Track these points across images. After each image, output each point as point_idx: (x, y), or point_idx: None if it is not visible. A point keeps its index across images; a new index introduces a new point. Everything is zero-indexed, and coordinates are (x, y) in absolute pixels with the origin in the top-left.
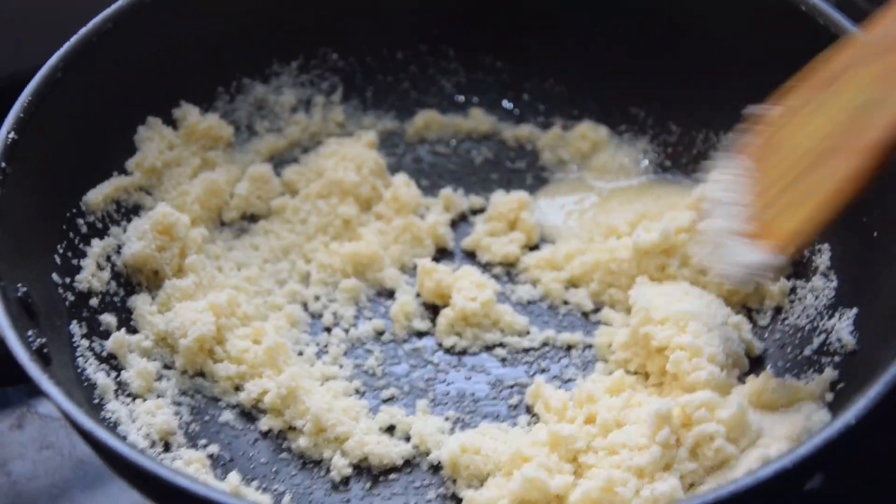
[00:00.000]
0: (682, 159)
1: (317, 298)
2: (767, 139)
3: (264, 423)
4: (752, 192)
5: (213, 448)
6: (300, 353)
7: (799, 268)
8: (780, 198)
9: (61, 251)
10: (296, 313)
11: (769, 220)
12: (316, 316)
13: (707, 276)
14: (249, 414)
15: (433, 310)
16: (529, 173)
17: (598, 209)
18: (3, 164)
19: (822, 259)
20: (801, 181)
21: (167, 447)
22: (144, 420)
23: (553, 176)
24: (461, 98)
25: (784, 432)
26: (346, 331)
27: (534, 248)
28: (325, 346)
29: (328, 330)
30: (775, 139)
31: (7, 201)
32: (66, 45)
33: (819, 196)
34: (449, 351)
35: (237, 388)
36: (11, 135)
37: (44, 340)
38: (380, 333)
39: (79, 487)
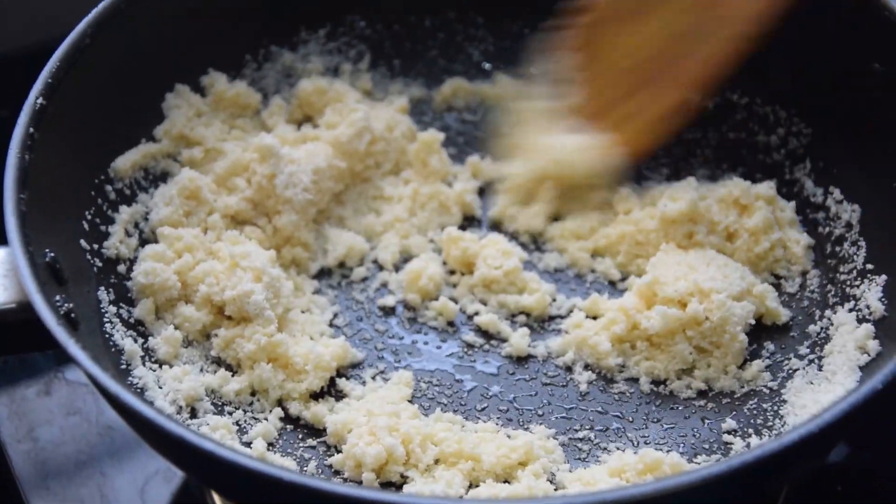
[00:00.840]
0: None
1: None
2: (588, 43)
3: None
4: (579, 89)
5: (239, 415)
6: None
7: (828, 237)
8: (612, 107)
9: (89, 217)
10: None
11: (606, 121)
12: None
13: (734, 243)
14: None
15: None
16: None
17: None
18: (32, 130)
19: (851, 225)
20: (629, 99)
21: (193, 413)
22: (171, 386)
23: None
24: (489, 66)
25: None
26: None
27: (558, 218)
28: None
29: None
30: (597, 46)
31: (36, 167)
32: (95, 11)
33: (646, 116)
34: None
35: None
36: (40, 100)
37: (71, 306)
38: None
39: (106, 453)
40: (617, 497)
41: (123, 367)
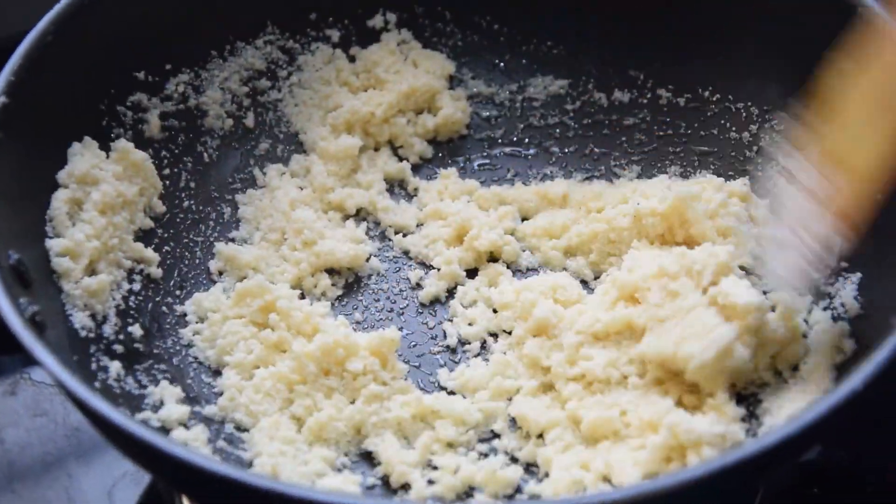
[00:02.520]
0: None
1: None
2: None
3: None
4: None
5: (211, 409)
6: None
7: None
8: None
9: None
10: None
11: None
12: None
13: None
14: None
15: None
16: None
17: None
18: None
19: None
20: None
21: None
22: None
23: None
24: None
25: None
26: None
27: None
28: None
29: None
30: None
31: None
32: (57, 7)
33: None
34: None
35: None
36: (2, 98)
37: (37, 308)
38: None
39: (73, 455)
40: (594, 500)
41: (94, 368)
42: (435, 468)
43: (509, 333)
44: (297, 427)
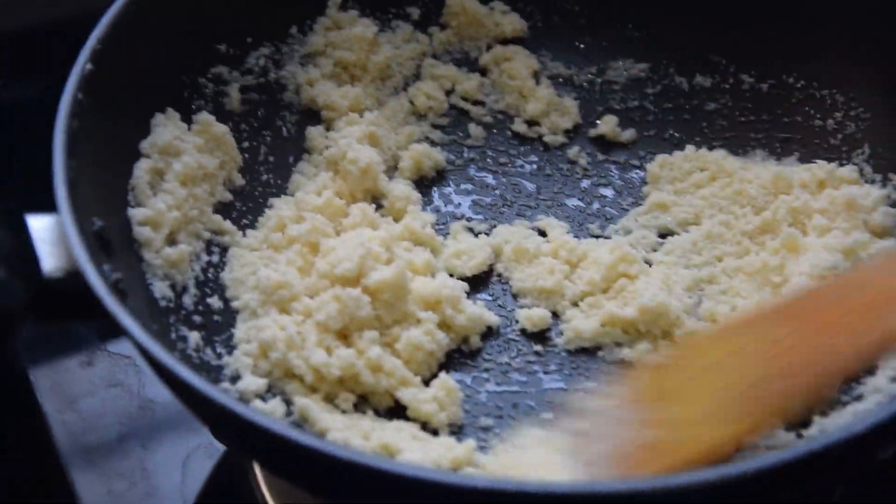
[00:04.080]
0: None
1: None
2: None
3: None
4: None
5: None
6: None
7: None
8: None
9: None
10: None
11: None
12: None
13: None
14: None
15: None
16: None
17: None
18: (80, 95)
19: None
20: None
21: None
22: None
23: None
24: None
25: None
26: None
27: None
28: None
29: None
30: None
31: (83, 134)
32: None
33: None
34: None
35: None
36: (88, 65)
37: (119, 276)
38: None
39: (147, 427)
40: (621, 489)
41: (173, 337)
42: None
43: None
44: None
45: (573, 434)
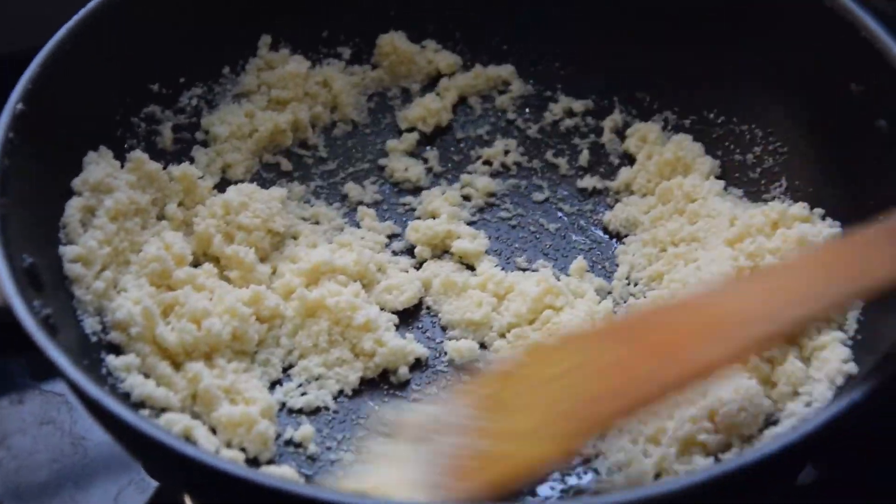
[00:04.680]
0: None
1: None
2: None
3: None
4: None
5: None
6: None
7: None
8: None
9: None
10: None
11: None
12: None
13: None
14: None
15: None
16: None
17: None
18: (11, 135)
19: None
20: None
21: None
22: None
23: None
24: None
25: None
26: None
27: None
28: None
29: None
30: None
31: (15, 171)
32: (76, 18)
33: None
34: None
35: None
36: (20, 105)
37: (49, 311)
38: None
39: (79, 463)
40: None
41: (103, 372)
42: None
43: None
44: None
45: (414, 441)
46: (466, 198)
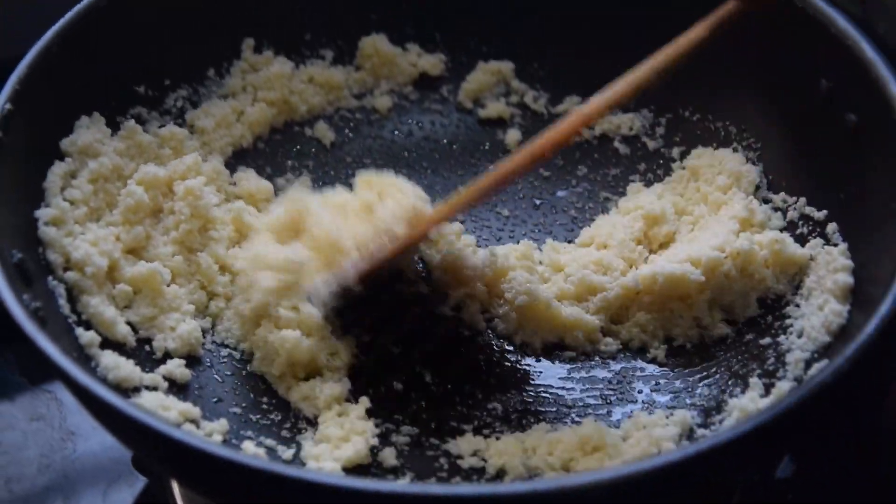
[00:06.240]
0: None
1: None
2: None
3: None
4: None
5: None
6: None
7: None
8: None
9: None
10: None
11: None
12: None
13: None
14: None
15: None
16: None
17: None
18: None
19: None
20: None
21: None
22: None
23: None
24: None
25: None
26: None
27: None
28: None
29: None
30: None
31: (3, 168)
32: (63, 20)
33: None
34: None
35: None
36: (7, 105)
37: (39, 304)
38: None
39: (68, 458)
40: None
41: (93, 366)
42: None
43: None
44: None
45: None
46: None
